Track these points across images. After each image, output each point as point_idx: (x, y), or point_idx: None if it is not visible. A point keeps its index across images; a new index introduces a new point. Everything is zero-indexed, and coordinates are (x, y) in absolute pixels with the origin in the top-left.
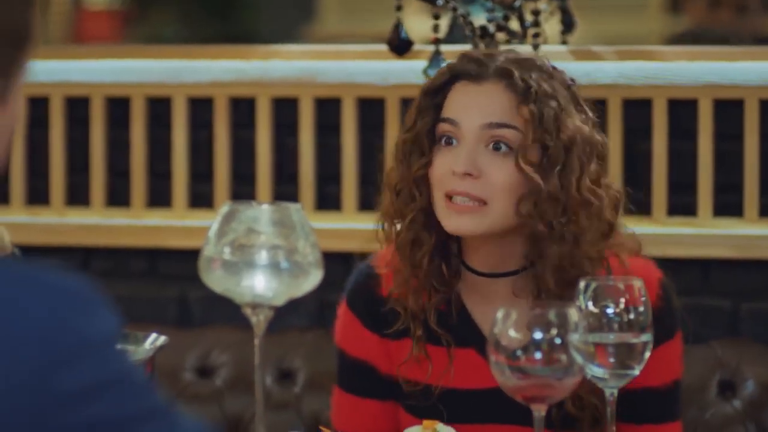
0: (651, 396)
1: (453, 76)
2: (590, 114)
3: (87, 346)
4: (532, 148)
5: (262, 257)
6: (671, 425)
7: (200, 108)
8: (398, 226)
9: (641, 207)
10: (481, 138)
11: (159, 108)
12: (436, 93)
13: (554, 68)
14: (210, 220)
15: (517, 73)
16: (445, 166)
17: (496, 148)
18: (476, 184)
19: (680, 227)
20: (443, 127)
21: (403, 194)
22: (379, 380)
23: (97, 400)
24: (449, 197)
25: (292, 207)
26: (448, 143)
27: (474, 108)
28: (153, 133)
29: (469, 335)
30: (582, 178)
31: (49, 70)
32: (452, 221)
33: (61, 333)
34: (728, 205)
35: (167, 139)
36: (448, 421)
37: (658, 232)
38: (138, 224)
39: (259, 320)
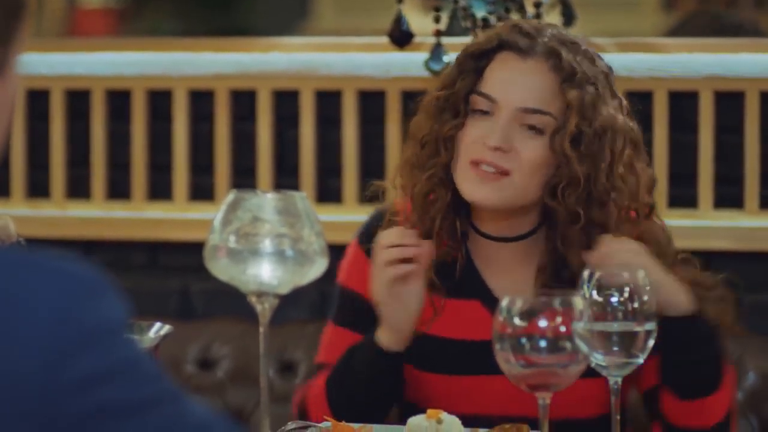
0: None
1: (500, 44)
2: (624, 102)
3: (96, 332)
4: (566, 132)
5: (267, 245)
6: None
7: (201, 100)
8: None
9: None
10: (516, 118)
11: (159, 100)
12: (480, 57)
13: (597, 54)
14: (211, 213)
15: (564, 55)
16: (476, 134)
17: (530, 129)
18: (504, 157)
19: (681, 219)
20: (480, 100)
21: (428, 148)
22: (376, 319)
23: (106, 386)
24: (475, 164)
25: (297, 195)
26: (484, 113)
27: (515, 86)
28: (154, 125)
29: (475, 288)
30: (613, 166)
31: (50, 63)
32: (474, 188)
33: (70, 320)
34: (729, 196)
35: (168, 132)
36: (448, 372)
37: None
38: (139, 217)
39: (264, 308)
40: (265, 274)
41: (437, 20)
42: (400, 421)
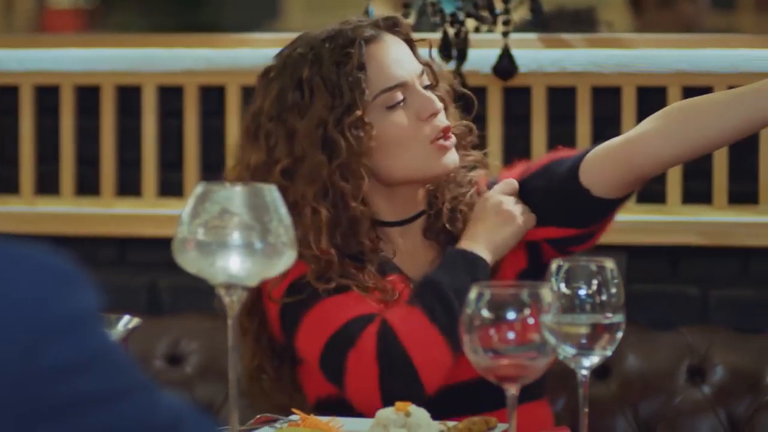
0: None
1: (360, 43)
2: None
3: (70, 321)
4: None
5: (235, 238)
6: None
7: (170, 96)
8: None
9: None
10: (420, 84)
11: (128, 96)
12: (356, 66)
13: None
14: (180, 209)
15: (399, 19)
16: (410, 119)
17: (427, 87)
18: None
19: (649, 215)
20: (390, 97)
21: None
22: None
23: (80, 375)
24: (438, 139)
25: (266, 188)
26: (396, 106)
27: (403, 63)
28: (123, 121)
29: (390, 270)
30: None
31: (19, 59)
32: (448, 158)
33: (44, 309)
34: (697, 192)
35: (137, 128)
36: None
37: (627, 220)
38: (108, 213)
39: (232, 301)
40: (234, 266)
41: (406, 16)
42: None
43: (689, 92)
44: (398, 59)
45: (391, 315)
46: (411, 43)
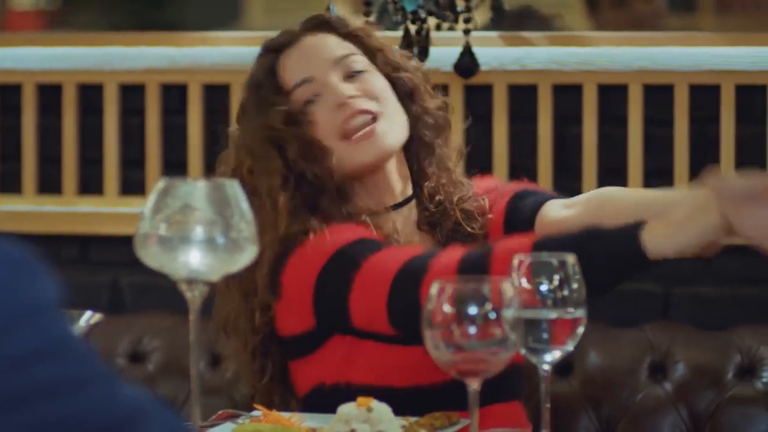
0: None
1: (274, 54)
2: None
3: (30, 311)
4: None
5: (197, 233)
6: None
7: (132, 95)
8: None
9: (571, 192)
10: (337, 71)
11: (90, 95)
12: (268, 78)
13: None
14: (142, 207)
15: (328, 17)
16: (323, 115)
17: (352, 75)
18: (360, 100)
19: None
20: (302, 92)
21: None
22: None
23: (41, 364)
24: (345, 136)
25: (227, 183)
26: (310, 102)
27: (312, 58)
28: (84, 119)
29: None
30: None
31: None
32: (358, 152)
33: (3, 297)
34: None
35: (99, 126)
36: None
37: None
38: (70, 211)
39: (194, 296)
40: (196, 261)
41: (367, 14)
42: None
43: (650, 90)
44: (305, 56)
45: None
46: (352, 37)
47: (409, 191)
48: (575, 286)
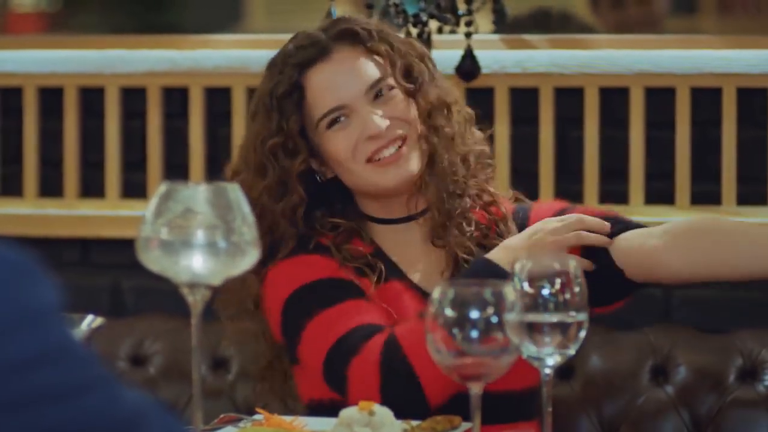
0: None
1: (300, 69)
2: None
3: (30, 315)
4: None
5: (199, 237)
6: None
7: (133, 98)
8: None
9: (573, 195)
10: (369, 96)
11: (92, 98)
12: (291, 92)
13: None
14: (143, 210)
15: (355, 26)
16: (350, 140)
17: (378, 96)
18: (391, 127)
19: None
20: (332, 117)
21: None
22: (357, 288)
23: (41, 369)
24: (372, 160)
25: (229, 186)
26: (336, 126)
27: (343, 84)
28: (86, 123)
29: (393, 275)
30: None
31: None
32: (387, 175)
33: (4, 301)
34: (660, 192)
35: (100, 129)
36: None
37: None
38: (71, 214)
39: (196, 300)
40: (198, 265)
41: (368, 17)
42: None
43: (651, 93)
44: (336, 83)
45: (399, 328)
46: (375, 51)
47: (422, 205)
48: (577, 289)
